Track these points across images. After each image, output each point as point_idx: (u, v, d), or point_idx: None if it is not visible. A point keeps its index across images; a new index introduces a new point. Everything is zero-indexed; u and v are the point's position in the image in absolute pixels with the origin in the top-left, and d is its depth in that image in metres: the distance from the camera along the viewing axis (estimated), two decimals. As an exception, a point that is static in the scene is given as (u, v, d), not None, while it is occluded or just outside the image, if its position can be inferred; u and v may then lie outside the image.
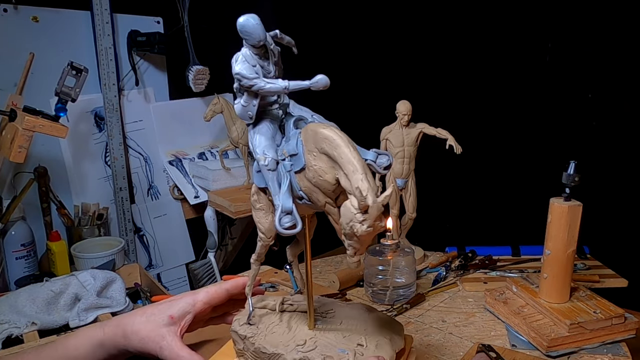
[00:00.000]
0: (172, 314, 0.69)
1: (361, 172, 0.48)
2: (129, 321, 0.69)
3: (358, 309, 0.70)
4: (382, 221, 0.49)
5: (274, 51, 0.56)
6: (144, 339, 0.67)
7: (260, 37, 0.55)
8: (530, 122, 1.66)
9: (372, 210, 0.47)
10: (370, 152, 0.55)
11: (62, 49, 1.40)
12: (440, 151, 1.12)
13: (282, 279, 1.08)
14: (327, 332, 0.65)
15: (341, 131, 0.52)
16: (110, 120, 1.48)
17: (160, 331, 0.68)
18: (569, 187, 0.83)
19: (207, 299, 0.72)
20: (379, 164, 0.54)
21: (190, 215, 1.69)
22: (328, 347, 0.61)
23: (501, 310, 0.91)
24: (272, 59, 0.56)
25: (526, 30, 1.63)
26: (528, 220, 1.18)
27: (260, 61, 0.56)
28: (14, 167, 1.32)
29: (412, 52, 1.84)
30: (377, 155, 0.55)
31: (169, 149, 1.66)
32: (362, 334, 0.63)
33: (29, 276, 1.25)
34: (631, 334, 0.82)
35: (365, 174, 0.48)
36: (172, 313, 0.69)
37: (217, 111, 1.49)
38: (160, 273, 1.65)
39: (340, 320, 0.67)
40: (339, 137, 0.50)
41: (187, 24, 1.56)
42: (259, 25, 0.54)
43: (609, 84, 1.52)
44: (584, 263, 1.15)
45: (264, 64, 0.56)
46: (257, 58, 0.55)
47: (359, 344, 0.61)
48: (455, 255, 1.20)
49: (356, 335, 0.63)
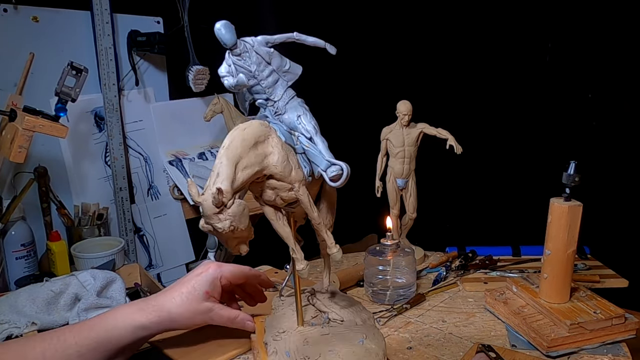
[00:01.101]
0: (207, 290, 0.76)
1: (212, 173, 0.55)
2: (170, 304, 0.75)
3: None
4: (220, 222, 0.55)
5: (249, 53, 0.61)
6: (193, 317, 0.74)
7: (226, 42, 0.61)
8: (530, 122, 1.66)
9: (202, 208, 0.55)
10: (324, 162, 0.60)
11: (62, 49, 1.40)
12: (440, 151, 1.12)
13: (282, 279, 1.08)
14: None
15: (241, 133, 0.57)
16: (110, 120, 1.48)
17: (204, 305, 0.75)
18: (569, 187, 0.83)
19: (231, 276, 0.79)
20: (329, 173, 0.59)
21: (190, 215, 1.69)
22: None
23: (501, 310, 0.91)
24: (251, 59, 0.61)
25: (526, 30, 1.63)
26: (528, 220, 1.18)
27: (238, 61, 0.62)
28: (14, 167, 1.32)
29: (412, 52, 1.84)
30: (329, 164, 0.59)
31: (169, 149, 1.66)
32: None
33: (29, 276, 1.24)
34: (631, 334, 0.82)
35: (211, 176, 0.55)
36: (207, 289, 0.76)
37: (217, 111, 1.49)
38: (160, 273, 1.65)
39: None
40: (225, 143, 0.57)
41: (187, 24, 1.56)
42: (223, 32, 0.62)
43: (609, 84, 1.52)
44: (584, 263, 1.15)
45: (244, 64, 0.61)
46: (235, 59, 0.62)
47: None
48: (455, 255, 1.20)
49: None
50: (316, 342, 0.67)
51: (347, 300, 0.78)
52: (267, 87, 0.63)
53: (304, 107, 0.65)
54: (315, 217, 0.61)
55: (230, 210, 0.54)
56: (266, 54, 0.62)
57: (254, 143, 0.57)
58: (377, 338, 0.68)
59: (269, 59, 0.62)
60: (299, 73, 0.64)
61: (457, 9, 1.74)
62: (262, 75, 0.62)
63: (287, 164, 0.57)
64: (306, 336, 0.69)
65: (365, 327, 0.70)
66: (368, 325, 0.72)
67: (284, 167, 0.57)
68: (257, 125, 0.58)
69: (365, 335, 0.67)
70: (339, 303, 0.77)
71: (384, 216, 1.05)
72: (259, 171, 0.57)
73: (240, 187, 0.56)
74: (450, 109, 1.70)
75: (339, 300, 0.78)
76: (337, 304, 0.76)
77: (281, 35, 0.62)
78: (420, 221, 1.21)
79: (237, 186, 0.55)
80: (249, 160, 0.56)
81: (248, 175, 0.56)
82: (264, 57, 0.61)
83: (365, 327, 0.70)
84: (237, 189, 0.55)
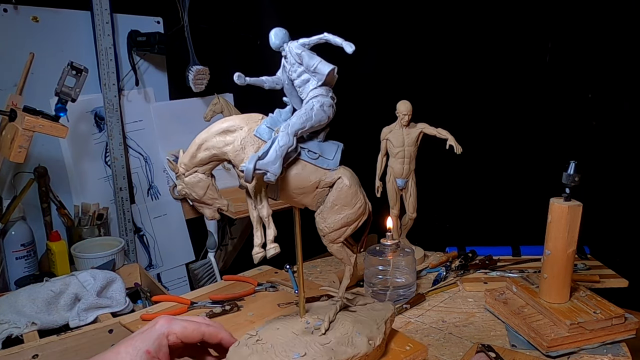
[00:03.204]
0: (149, 349, 0.66)
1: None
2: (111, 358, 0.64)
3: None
4: (179, 185, 0.71)
5: (286, 56, 0.68)
6: None
7: (272, 46, 0.68)
8: (530, 122, 1.66)
9: None
10: (252, 160, 0.64)
11: (62, 49, 1.40)
12: (440, 151, 1.12)
13: (283, 279, 1.08)
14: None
15: (218, 123, 0.69)
16: (110, 120, 1.48)
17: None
18: (569, 187, 0.83)
19: (182, 335, 0.69)
20: (240, 167, 0.66)
21: (190, 215, 1.69)
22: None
23: (501, 310, 0.91)
24: (291, 61, 0.67)
25: (526, 30, 1.63)
26: (528, 220, 1.18)
27: (285, 63, 0.68)
28: (14, 167, 1.32)
29: (412, 52, 1.84)
30: (248, 162, 0.64)
31: (169, 149, 1.66)
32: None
33: (29, 276, 1.25)
34: (631, 334, 0.82)
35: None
36: (148, 348, 0.66)
37: (217, 111, 1.49)
38: (160, 273, 1.65)
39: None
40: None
41: (187, 24, 1.56)
42: (271, 37, 0.67)
43: (609, 84, 1.52)
44: (584, 263, 1.15)
45: (286, 65, 0.68)
46: (284, 61, 0.68)
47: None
48: (455, 256, 1.20)
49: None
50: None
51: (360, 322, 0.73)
52: (298, 86, 0.68)
53: (314, 108, 0.66)
54: (258, 208, 0.68)
55: (187, 179, 0.70)
56: (296, 55, 0.66)
57: (222, 131, 0.68)
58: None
59: (299, 59, 0.66)
60: (325, 72, 0.65)
61: (457, 9, 1.74)
62: (294, 75, 0.67)
63: (240, 154, 0.66)
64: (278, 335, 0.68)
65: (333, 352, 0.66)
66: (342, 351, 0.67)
67: (236, 156, 0.67)
68: (234, 118, 0.69)
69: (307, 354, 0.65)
70: (347, 318, 0.73)
71: (384, 216, 1.05)
72: (217, 154, 0.68)
73: (199, 163, 0.69)
74: (450, 109, 1.70)
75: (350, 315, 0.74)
76: (346, 318, 0.72)
77: (314, 37, 0.66)
78: (420, 221, 1.21)
79: (195, 162, 0.69)
80: (211, 143, 0.68)
81: (207, 155, 0.69)
82: (295, 58, 0.66)
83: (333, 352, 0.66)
84: (196, 164, 0.69)
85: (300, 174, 0.67)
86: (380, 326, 0.71)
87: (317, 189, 0.67)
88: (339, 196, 0.67)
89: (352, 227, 0.69)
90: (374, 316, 0.73)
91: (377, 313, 0.74)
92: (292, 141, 0.65)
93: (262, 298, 1.00)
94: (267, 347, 0.67)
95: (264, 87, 0.70)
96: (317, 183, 0.67)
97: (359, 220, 0.69)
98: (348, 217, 0.68)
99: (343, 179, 0.67)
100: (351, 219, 0.68)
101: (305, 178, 0.67)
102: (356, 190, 0.68)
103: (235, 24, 1.75)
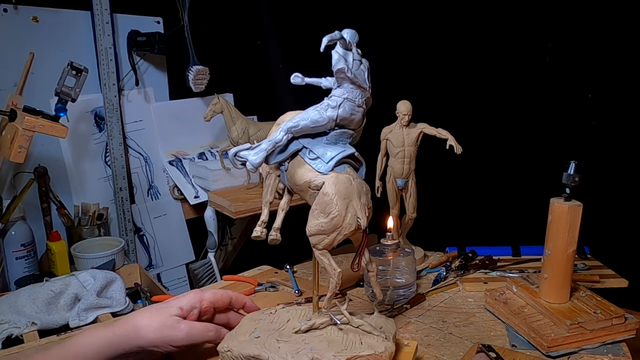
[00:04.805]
0: (182, 306, 0.71)
1: None
2: (138, 317, 0.70)
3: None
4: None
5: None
6: (159, 329, 0.68)
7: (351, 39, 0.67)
8: (530, 122, 1.66)
9: None
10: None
11: (62, 49, 1.40)
12: (440, 151, 1.12)
13: (283, 279, 1.08)
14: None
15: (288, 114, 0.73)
16: (110, 120, 1.48)
17: (174, 318, 0.69)
18: (569, 187, 0.83)
19: (213, 299, 0.74)
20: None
21: (190, 215, 1.69)
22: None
23: (501, 310, 0.91)
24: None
25: (526, 30, 1.63)
26: (528, 220, 1.18)
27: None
28: (14, 167, 1.32)
29: (412, 52, 1.84)
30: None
31: (169, 149, 1.66)
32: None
33: (29, 276, 1.25)
34: (631, 334, 0.82)
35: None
36: (181, 305, 0.71)
37: (217, 111, 1.49)
38: (160, 273, 1.65)
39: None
40: None
41: (187, 24, 1.56)
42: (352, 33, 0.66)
43: (609, 84, 1.52)
44: (584, 263, 1.15)
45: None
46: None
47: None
48: (455, 256, 1.20)
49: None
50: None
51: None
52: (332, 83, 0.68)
53: (316, 108, 0.66)
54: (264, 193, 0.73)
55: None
56: (333, 54, 0.65)
57: (276, 123, 0.74)
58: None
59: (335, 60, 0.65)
60: (333, 69, 0.64)
61: (457, 9, 1.74)
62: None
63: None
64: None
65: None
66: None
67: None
68: (295, 114, 0.69)
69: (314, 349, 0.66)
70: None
71: (384, 216, 1.05)
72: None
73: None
74: (450, 109, 1.70)
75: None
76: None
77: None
78: (420, 221, 1.21)
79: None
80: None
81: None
82: (333, 57, 0.65)
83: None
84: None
85: (298, 172, 0.68)
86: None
87: (309, 189, 0.67)
88: (317, 201, 0.65)
89: (332, 237, 0.65)
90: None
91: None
92: (281, 138, 0.66)
93: (262, 298, 1.00)
94: (274, 326, 0.71)
95: (322, 87, 0.69)
96: (308, 183, 0.67)
97: (337, 232, 0.65)
98: (321, 225, 0.65)
99: (325, 186, 0.65)
100: (325, 228, 0.65)
101: (301, 176, 0.67)
102: (333, 200, 0.64)
103: (235, 24, 1.75)
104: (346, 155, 0.68)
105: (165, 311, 0.70)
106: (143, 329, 0.68)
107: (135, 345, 0.68)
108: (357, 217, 0.65)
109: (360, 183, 0.67)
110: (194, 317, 0.72)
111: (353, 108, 0.67)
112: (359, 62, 0.66)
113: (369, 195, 0.68)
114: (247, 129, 1.49)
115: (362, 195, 0.66)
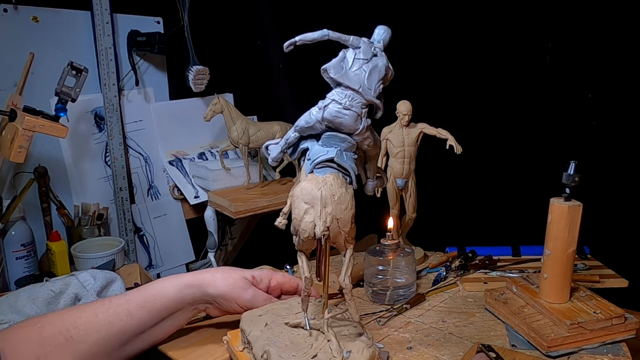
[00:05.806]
0: (254, 275, 0.80)
1: None
2: (215, 271, 0.78)
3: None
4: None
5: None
6: (232, 284, 0.77)
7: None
8: (530, 123, 1.65)
9: None
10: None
11: (62, 49, 1.40)
12: (440, 151, 1.12)
13: (282, 279, 1.08)
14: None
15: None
16: (110, 120, 1.48)
17: (245, 281, 0.78)
18: (569, 187, 0.83)
19: (282, 281, 0.82)
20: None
21: (190, 215, 1.69)
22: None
23: (501, 310, 0.91)
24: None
25: (526, 30, 1.63)
26: (528, 220, 1.18)
27: None
28: (14, 167, 1.32)
29: (412, 52, 1.84)
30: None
31: (169, 149, 1.66)
32: None
33: (29, 276, 1.24)
34: (631, 334, 0.82)
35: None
36: (254, 274, 0.80)
37: (217, 111, 1.49)
38: (160, 273, 1.65)
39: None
40: None
41: (187, 24, 1.56)
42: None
43: (609, 84, 1.52)
44: (584, 263, 1.15)
45: None
46: None
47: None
48: (455, 256, 1.20)
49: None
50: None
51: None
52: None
53: (317, 107, 0.66)
54: None
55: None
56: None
57: None
58: None
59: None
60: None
61: (456, 8, 1.74)
62: None
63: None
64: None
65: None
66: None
67: None
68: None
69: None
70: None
71: (384, 216, 1.05)
72: None
73: None
74: (450, 109, 1.70)
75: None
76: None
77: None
78: (420, 221, 1.21)
79: None
80: None
81: None
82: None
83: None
84: None
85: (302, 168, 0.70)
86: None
87: None
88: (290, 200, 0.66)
89: (296, 239, 0.66)
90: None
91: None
92: (290, 135, 0.67)
93: (262, 298, 1.00)
94: (284, 312, 0.74)
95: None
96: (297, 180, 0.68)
97: (297, 234, 0.65)
98: (292, 225, 0.65)
99: (295, 187, 0.64)
100: (293, 228, 0.65)
101: (301, 172, 0.69)
102: (295, 201, 0.63)
103: (235, 24, 1.75)
104: (324, 160, 0.64)
105: (239, 273, 0.79)
106: (217, 280, 0.76)
107: (205, 293, 0.76)
108: (314, 224, 0.62)
109: (335, 191, 0.62)
110: (262, 288, 0.80)
111: (339, 111, 0.63)
112: (361, 62, 0.64)
113: (346, 206, 0.63)
114: (247, 129, 1.49)
115: (330, 205, 0.62)
